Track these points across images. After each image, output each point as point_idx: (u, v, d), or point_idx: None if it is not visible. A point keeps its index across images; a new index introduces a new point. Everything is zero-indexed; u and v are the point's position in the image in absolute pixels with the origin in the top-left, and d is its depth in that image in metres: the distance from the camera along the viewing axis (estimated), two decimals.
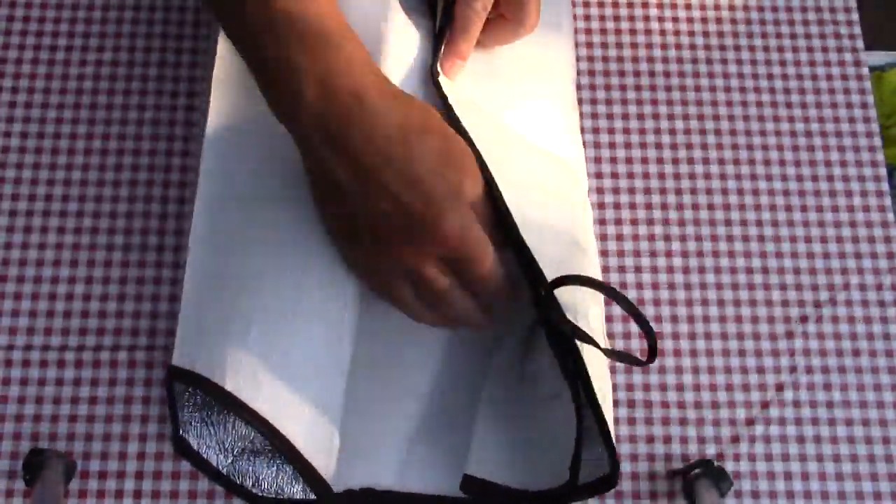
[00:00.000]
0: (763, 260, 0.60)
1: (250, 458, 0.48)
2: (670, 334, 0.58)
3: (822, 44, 0.66)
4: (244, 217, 0.49)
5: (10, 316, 0.57)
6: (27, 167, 0.61)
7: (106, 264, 0.59)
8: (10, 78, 0.63)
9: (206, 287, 0.48)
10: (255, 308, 0.46)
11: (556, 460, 0.45)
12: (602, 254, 0.60)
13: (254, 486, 0.48)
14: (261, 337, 0.45)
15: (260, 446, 0.47)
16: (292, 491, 0.48)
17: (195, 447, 0.48)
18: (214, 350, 0.45)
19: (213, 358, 0.45)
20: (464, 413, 0.50)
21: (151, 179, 0.61)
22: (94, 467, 0.55)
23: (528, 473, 0.47)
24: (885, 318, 0.59)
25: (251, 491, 0.48)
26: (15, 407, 0.56)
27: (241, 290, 0.47)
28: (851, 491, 0.55)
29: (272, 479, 0.48)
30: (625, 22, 0.66)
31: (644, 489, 0.55)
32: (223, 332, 0.46)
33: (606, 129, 0.63)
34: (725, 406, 0.57)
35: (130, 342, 0.57)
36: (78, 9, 0.65)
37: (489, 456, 0.48)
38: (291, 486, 0.48)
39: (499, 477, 0.47)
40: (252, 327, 0.45)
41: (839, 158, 0.63)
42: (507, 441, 0.48)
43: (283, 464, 0.47)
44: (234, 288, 0.47)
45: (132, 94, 0.63)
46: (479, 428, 0.49)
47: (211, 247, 0.48)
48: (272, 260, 0.47)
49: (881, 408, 0.57)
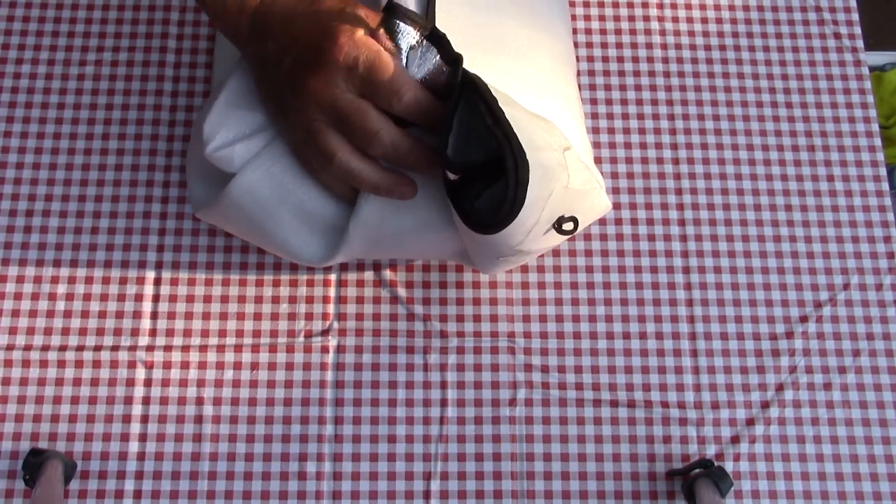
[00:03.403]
0: (763, 260, 0.60)
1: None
2: (670, 334, 0.58)
3: (822, 44, 0.66)
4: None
5: (10, 316, 0.57)
6: (27, 167, 0.61)
7: (106, 264, 0.59)
8: (10, 78, 0.63)
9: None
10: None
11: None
12: (602, 254, 0.60)
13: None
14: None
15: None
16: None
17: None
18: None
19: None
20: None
21: (151, 179, 0.61)
22: (94, 467, 0.55)
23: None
24: (885, 318, 0.59)
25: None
26: (15, 407, 0.56)
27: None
28: (851, 491, 0.55)
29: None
30: (625, 22, 0.66)
31: (644, 489, 0.55)
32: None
33: (606, 129, 0.63)
34: (725, 406, 0.57)
35: (130, 342, 0.57)
36: (78, 9, 0.65)
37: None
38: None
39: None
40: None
41: (839, 158, 0.63)
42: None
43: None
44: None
45: (132, 94, 0.63)
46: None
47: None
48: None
49: (881, 408, 0.57)
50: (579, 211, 0.46)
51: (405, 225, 0.49)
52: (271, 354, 0.57)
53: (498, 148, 0.42)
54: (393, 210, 0.48)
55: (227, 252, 0.59)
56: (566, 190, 0.43)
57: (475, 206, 0.44)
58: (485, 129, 0.42)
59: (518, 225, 0.42)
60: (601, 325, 0.59)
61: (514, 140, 0.41)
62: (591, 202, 0.48)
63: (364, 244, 0.50)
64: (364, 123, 0.45)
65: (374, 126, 0.45)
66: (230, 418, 0.56)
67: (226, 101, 0.49)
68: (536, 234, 0.45)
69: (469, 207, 0.44)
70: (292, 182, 0.49)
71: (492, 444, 0.56)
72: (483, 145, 0.43)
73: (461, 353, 0.58)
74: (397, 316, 0.59)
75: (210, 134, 0.48)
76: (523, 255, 0.48)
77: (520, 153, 0.41)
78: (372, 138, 0.45)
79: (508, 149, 0.41)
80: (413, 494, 0.55)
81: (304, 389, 0.57)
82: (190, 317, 0.58)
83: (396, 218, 0.49)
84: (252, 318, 0.58)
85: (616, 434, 0.56)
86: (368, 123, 0.45)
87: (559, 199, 0.43)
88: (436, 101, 0.45)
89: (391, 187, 0.47)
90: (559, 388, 0.57)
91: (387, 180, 0.46)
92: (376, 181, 0.46)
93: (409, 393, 0.57)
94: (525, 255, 0.48)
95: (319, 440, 0.56)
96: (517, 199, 0.41)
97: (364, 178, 0.46)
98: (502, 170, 0.42)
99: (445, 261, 0.60)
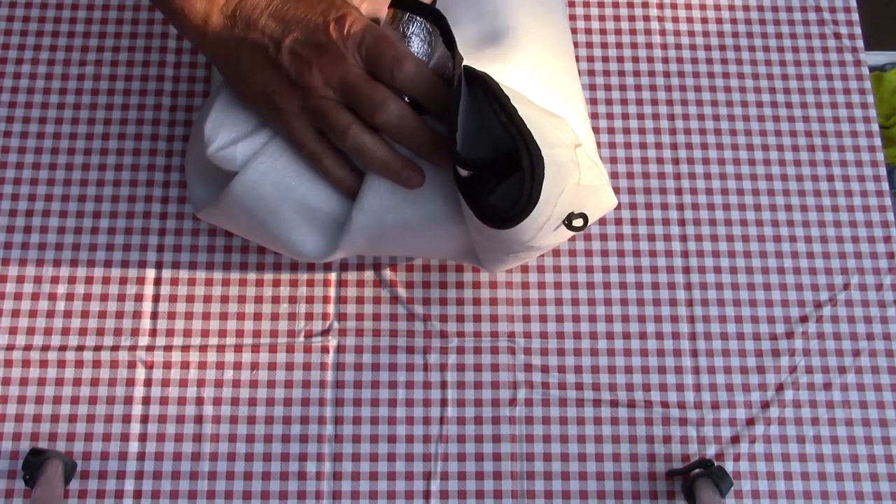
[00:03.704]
0: (763, 260, 0.60)
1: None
2: (670, 334, 0.58)
3: (822, 44, 0.66)
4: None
5: (10, 316, 0.57)
6: (27, 167, 0.61)
7: (106, 264, 0.59)
8: (10, 78, 0.63)
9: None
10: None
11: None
12: (602, 254, 0.60)
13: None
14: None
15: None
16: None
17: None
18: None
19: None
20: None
21: (151, 179, 0.61)
22: (94, 467, 0.55)
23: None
24: (885, 318, 0.59)
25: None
26: (15, 407, 0.56)
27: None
28: (851, 491, 0.55)
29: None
30: (625, 22, 0.66)
31: (644, 489, 0.55)
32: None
33: (606, 129, 0.63)
34: (725, 406, 0.57)
35: (130, 342, 0.57)
36: (78, 9, 0.65)
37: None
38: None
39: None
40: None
41: (839, 158, 0.63)
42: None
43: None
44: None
45: (132, 94, 0.63)
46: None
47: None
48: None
49: (881, 408, 0.57)
50: (588, 207, 0.46)
51: (408, 217, 0.49)
52: (271, 354, 0.57)
53: (512, 144, 0.42)
54: (396, 201, 0.48)
55: (227, 252, 0.59)
56: (577, 186, 0.44)
57: (489, 202, 0.44)
58: (498, 125, 0.42)
59: (531, 221, 0.43)
60: (601, 325, 0.59)
61: (528, 137, 0.42)
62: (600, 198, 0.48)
63: (366, 237, 0.50)
64: (371, 91, 0.45)
65: (381, 94, 0.45)
66: (230, 418, 0.56)
67: (225, 101, 0.49)
68: (548, 230, 0.45)
69: (483, 202, 0.44)
70: (295, 178, 0.49)
71: (492, 444, 0.56)
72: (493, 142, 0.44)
73: (461, 353, 0.58)
74: (397, 316, 0.59)
75: (211, 135, 0.48)
76: (533, 250, 0.48)
77: (535, 150, 0.41)
78: (379, 105, 0.45)
79: (524, 146, 0.41)
80: (413, 494, 0.55)
81: (304, 389, 0.57)
82: (190, 317, 0.58)
83: (399, 209, 0.49)
84: (252, 318, 0.58)
85: (616, 434, 0.56)
86: (376, 92, 0.45)
87: (570, 196, 0.44)
88: (439, 80, 0.46)
89: (399, 169, 0.47)
90: (559, 388, 0.57)
91: (396, 160, 0.47)
92: (386, 159, 0.47)
93: (409, 393, 0.57)
94: (534, 250, 0.49)
95: (319, 440, 0.56)
96: (532, 196, 0.41)
97: (375, 154, 0.47)
98: (515, 165, 0.42)
99: (445, 260, 0.60)
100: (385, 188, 0.48)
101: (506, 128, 0.42)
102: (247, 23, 0.47)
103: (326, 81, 0.45)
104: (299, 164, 0.49)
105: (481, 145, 0.45)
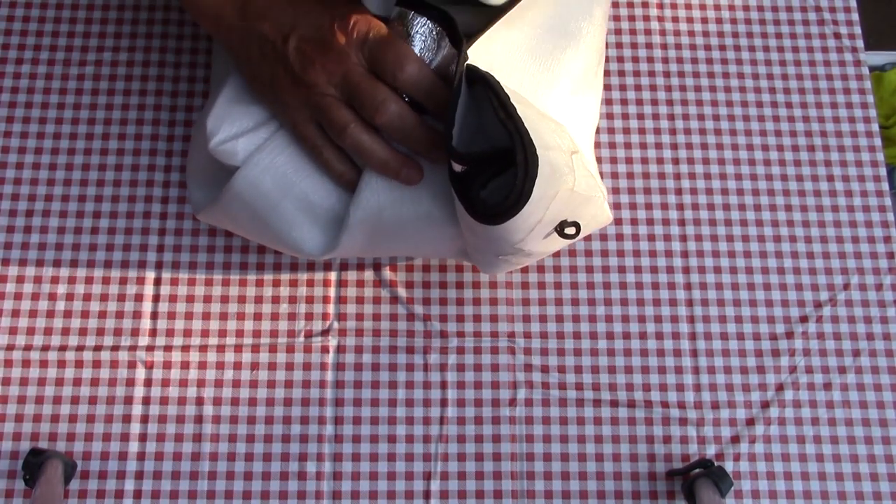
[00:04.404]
0: (763, 260, 0.60)
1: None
2: (670, 334, 0.59)
3: (822, 44, 0.66)
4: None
5: (10, 316, 0.57)
6: (27, 167, 0.61)
7: (106, 264, 0.59)
8: (10, 78, 0.63)
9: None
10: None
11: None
12: (602, 254, 0.60)
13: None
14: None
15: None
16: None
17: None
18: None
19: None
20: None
21: (151, 179, 0.61)
22: (94, 467, 0.55)
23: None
24: (885, 318, 0.59)
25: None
26: (15, 407, 0.56)
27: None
28: (851, 491, 0.55)
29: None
30: (625, 22, 0.66)
31: (644, 489, 0.55)
32: None
33: (606, 130, 0.63)
34: (725, 406, 0.57)
35: (130, 342, 0.57)
36: (78, 9, 0.65)
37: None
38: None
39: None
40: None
41: (839, 158, 0.63)
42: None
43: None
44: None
45: (132, 94, 0.63)
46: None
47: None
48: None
49: (881, 408, 0.57)
50: (582, 217, 0.46)
51: (404, 215, 0.49)
52: (271, 354, 0.57)
53: (507, 140, 0.42)
54: (393, 199, 0.49)
55: (227, 252, 0.59)
56: (571, 193, 0.44)
57: (481, 196, 0.44)
58: (496, 122, 0.43)
59: (521, 220, 0.43)
60: (601, 325, 0.59)
61: (525, 135, 0.42)
62: (594, 211, 0.48)
63: (364, 234, 0.50)
64: (373, 91, 0.46)
65: (382, 94, 0.46)
66: (230, 418, 0.56)
67: (227, 96, 0.49)
68: (538, 235, 0.45)
69: (475, 197, 0.44)
70: (295, 174, 0.49)
71: (492, 444, 0.56)
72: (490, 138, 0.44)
73: (461, 353, 0.58)
74: (397, 316, 0.59)
75: (213, 129, 0.48)
76: (523, 255, 0.48)
77: (530, 147, 0.41)
78: (379, 105, 0.46)
79: (519, 142, 0.42)
80: (413, 494, 0.55)
81: (304, 389, 0.57)
82: (190, 317, 0.58)
83: (396, 207, 0.49)
84: (252, 318, 0.58)
85: (616, 434, 0.56)
86: (377, 91, 0.46)
87: (563, 202, 0.44)
88: (440, 81, 0.46)
89: (398, 167, 0.47)
90: (559, 388, 0.57)
91: (395, 159, 0.47)
92: (385, 157, 0.47)
93: (409, 393, 0.57)
94: (525, 256, 0.48)
95: (319, 440, 0.56)
96: (524, 192, 0.41)
97: (374, 152, 0.47)
98: (510, 161, 0.42)
99: (445, 260, 0.60)
100: (382, 186, 0.48)
101: (503, 124, 0.42)
102: (257, 16, 0.47)
103: (329, 79, 0.46)
104: (300, 160, 0.49)
105: (478, 143, 0.45)
